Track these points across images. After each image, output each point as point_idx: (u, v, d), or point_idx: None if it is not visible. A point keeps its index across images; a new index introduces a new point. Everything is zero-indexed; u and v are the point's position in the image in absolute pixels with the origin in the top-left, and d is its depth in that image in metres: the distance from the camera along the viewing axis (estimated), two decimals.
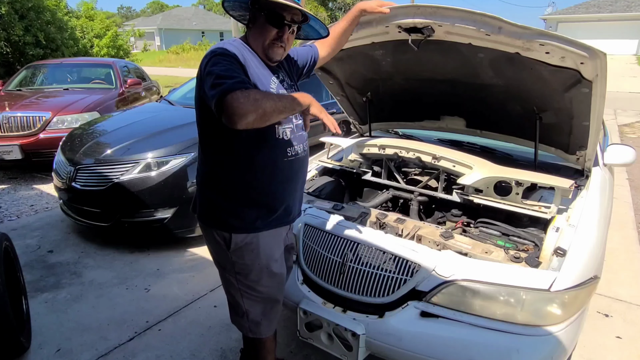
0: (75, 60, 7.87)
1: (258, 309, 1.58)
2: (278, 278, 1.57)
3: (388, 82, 2.43)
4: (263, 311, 1.59)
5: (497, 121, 2.42)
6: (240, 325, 1.63)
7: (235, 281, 1.53)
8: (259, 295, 1.56)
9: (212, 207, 1.48)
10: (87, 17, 14.70)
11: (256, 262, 1.50)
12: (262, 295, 1.56)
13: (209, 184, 1.48)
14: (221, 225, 1.46)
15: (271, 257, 1.52)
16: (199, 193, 1.53)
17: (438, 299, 1.56)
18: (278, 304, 1.63)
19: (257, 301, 1.56)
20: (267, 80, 1.41)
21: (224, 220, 1.45)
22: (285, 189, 1.49)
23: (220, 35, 45.01)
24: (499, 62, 1.87)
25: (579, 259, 1.54)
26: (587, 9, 25.58)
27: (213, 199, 1.47)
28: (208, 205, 1.49)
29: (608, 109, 8.73)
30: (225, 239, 1.46)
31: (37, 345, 2.23)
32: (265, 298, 1.57)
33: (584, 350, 2.21)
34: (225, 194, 1.44)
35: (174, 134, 3.41)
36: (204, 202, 1.50)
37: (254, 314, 1.58)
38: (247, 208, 1.45)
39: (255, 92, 1.21)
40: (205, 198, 1.50)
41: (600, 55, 1.54)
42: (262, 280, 1.53)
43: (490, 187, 1.99)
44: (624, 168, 5.25)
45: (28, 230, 3.63)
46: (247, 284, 1.53)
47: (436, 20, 1.70)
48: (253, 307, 1.57)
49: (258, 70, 1.39)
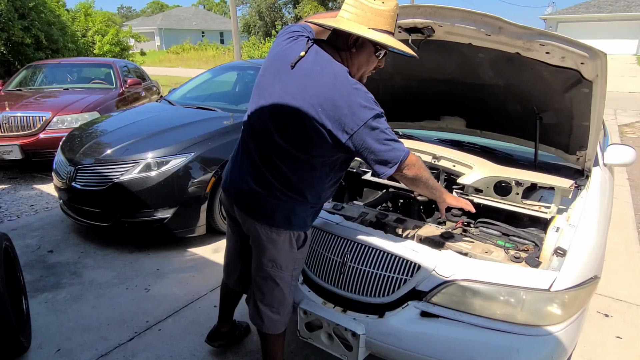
0: (75, 60, 7.86)
1: (292, 300, 1.74)
2: None
3: (388, 82, 2.43)
4: (292, 300, 1.75)
5: (497, 121, 2.42)
6: (278, 324, 1.74)
7: (291, 278, 1.66)
8: (296, 285, 1.76)
9: (294, 214, 1.54)
10: (86, 14, 14.68)
11: (306, 252, 1.70)
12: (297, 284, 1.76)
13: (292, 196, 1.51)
14: (302, 227, 1.58)
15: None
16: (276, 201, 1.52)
17: (438, 298, 1.56)
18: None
19: (293, 292, 1.73)
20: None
21: (304, 222, 1.58)
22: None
23: (220, 35, 45.02)
24: (499, 62, 1.87)
25: (579, 259, 1.54)
26: (587, 9, 25.60)
27: (297, 208, 1.54)
28: (291, 212, 1.54)
29: (608, 109, 8.72)
30: (300, 238, 1.59)
31: (37, 345, 2.23)
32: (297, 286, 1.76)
33: (584, 350, 2.21)
34: (311, 202, 1.55)
35: (174, 134, 3.41)
36: (285, 210, 1.53)
37: (291, 306, 1.74)
38: (316, 211, 1.63)
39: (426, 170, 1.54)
40: (290, 207, 1.53)
41: (600, 56, 1.55)
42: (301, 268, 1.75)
43: (490, 187, 1.99)
44: (624, 168, 5.25)
45: (28, 230, 3.63)
46: (297, 276, 1.71)
47: (436, 20, 1.71)
48: (291, 300, 1.73)
49: None
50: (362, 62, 1.44)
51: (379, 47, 1.42)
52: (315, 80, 1.37)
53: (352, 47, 1.41)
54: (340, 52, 1.44)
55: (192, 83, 4.93)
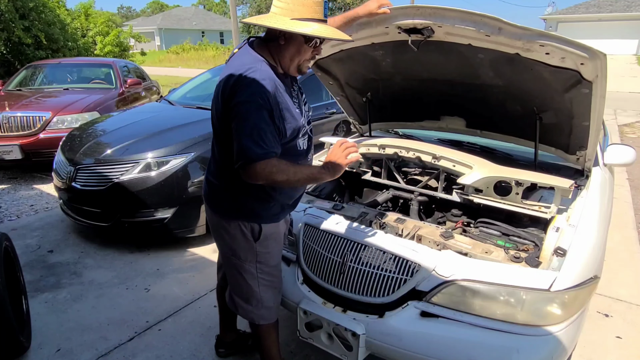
0: (75, 60, 7.86)
1: (270, 294, 1.73)
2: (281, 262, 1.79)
3: (388, 82, 2.43)
4: (273, 295, 1.76)
5: (497, 121, 2.42)
6: (252, 315, 1.74)
7: (256, 270, 1.66)
8: (274, 281, 1.73)
9: (240, 204, 1.57)
10: (86, 14, 14.68)
11: (276, 249, 1.70)
12: (276, 280, 1.74)
13: (238, 185, 1.51)
14: (251, 219, 1.58)
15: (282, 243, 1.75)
16: (224, 192, 1.58)
17: (438, 298, 1.56)
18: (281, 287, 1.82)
19: (270, 287, 1.72)
20: (292, 106, 1.48)
21: (256, 214, 1.58)
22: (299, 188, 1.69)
23: (220, 35, 45.02)
24: (499, 63, 1.87)
25: (579, 259, 1.54)
26: (587, 9, 25.59)
27: (241, 198, 1.56)
28: (235, 202, 1.57)
29: (608, 109, 8.72)
30: (254, 230, 1.59)
31: (37, 345, 2.23)
32: (277, 282, 1.76)
33: (584, 350, 2.21)
34: (255, 194, 1.55)
35: (174, 133, 3.41)
36: (229, 199, 1.58)
37: (268, 300, 1.73)
38: (273, 204, 1.60)
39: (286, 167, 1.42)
40: (233, 196, 1.57)
41: (600, 56, 1.54)
42: (278, 265, 1.74)
43: (490, 187, 1.99)
44: (624, 168, 5.25)
45: (28, 230, 3.63)
46: (267, 271, 1.69)
47: (436, 21, 1.70)
48: (267, 293, 1.72)
49: (284, 97, 1.44)
50: (292, 52, 1.46)
51: (310, 39, 1.43)
52: (228, 68, 1.45)
53: (280, 39, 1.44)
54: (270, 44, 1.48)
55: (192, 83, 4.93)
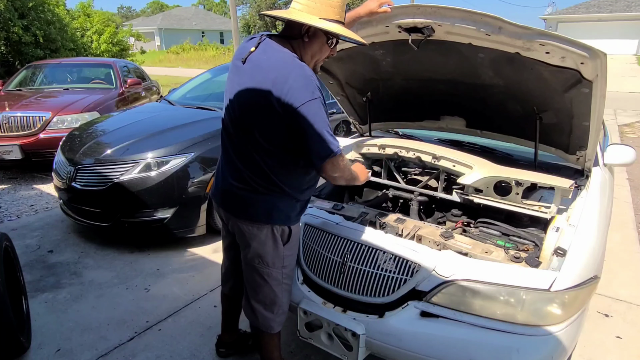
0: (75, 60, 7.87)
1: (287, 298, 1.72)
2: None
3: (388, 82, 2.43)
4: (288, 299, 1.74)
5: (497, 121, 2.42)
6: (272, 323, 1.71)
7: (281, 276, 1.65)
8: (291, 284, 1.72)
9: (276, 208, 1.56)
10: (85, 14, 14.65)
11: (296, 250, 1.69)
12: (291, 283, 1.73)
13: (277, 189, 1.53)
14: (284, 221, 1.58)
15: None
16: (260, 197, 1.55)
17: (438, 298, 1.56)
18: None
19: (288, 291, 1.72)
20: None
21: (287, 216, 1.58)
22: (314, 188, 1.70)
23: (220, 35, 45.01)
24: (499, 62, 1.87)
25: (579, 259, 1.54)
26: (587, 9, 25.58)
27: (277, 201, 1.55)
28: (271, 207, 1.55)
29: (608, 109, 8.73)
30: (284, 233, 1.59)
31: (37, 345, 2.23)
32: (291, 285, 1.74)
33: (584, 350, 2.21)
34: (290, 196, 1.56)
35: (174, 134, 3.41)
36: (265, 204, 1.55)
37: (285, 305, 1.72)
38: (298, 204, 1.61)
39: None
40: (269, 201, 1.55)
41: (600, 55, 1.54)
42: (295, 267, 1.73)
43: (490, 187, 1.98)
44: (624, 168, 5.25)
45: (28, 230, 3.63)
46: (288, 274, 1.68)
47: (436, 20, 1.70)
48: (285, 298, 1.71)
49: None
50: (315, 50, 1.50)
51: (330, 36, 1.48)
52: (262, 67, 1.43)
53: (304, 36, 1.46)
54: (292, 41, 1.48)
55: (192, 83, 4.93)
